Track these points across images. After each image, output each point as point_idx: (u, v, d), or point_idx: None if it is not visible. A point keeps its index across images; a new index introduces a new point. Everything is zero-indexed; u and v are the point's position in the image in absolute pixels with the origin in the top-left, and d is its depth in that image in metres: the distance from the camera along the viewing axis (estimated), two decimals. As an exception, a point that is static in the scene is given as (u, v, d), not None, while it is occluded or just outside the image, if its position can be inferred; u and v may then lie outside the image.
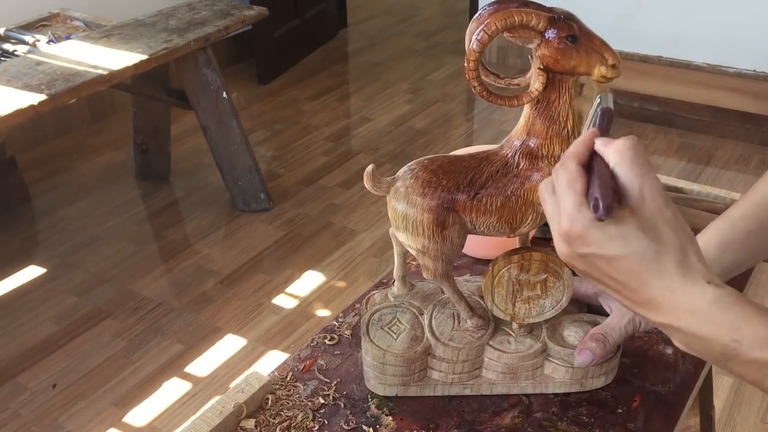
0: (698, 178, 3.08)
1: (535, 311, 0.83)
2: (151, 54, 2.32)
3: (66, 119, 3.40)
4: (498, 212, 0.78)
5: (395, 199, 0.78)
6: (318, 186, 3.05)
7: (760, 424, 1.95)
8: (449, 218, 0.77)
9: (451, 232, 0.77)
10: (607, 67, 0.72)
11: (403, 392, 0.86)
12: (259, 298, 2.41)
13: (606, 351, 0.82)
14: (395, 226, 0.80)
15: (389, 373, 0.84)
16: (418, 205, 0.76)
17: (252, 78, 4.02)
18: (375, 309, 0.89)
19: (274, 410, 0.85)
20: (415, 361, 0.84)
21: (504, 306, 0.83)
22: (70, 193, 3.01)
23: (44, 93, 2.03)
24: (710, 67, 3.62)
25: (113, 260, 2.60)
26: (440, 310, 0.88)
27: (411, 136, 3.44)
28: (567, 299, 0.83)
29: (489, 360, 0.85)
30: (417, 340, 0.85)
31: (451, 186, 0.77)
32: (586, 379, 0.86)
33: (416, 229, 0.77)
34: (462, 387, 0.86)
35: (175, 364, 2.15)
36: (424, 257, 0.80)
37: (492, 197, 0.77)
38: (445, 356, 0.84)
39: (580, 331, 0.86)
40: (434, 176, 0.77)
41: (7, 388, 2.06)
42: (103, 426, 1.95)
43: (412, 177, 0.78)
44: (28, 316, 2.33)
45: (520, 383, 0.86)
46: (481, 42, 0.72)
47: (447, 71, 4.20)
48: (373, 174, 0.78)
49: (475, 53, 0.73)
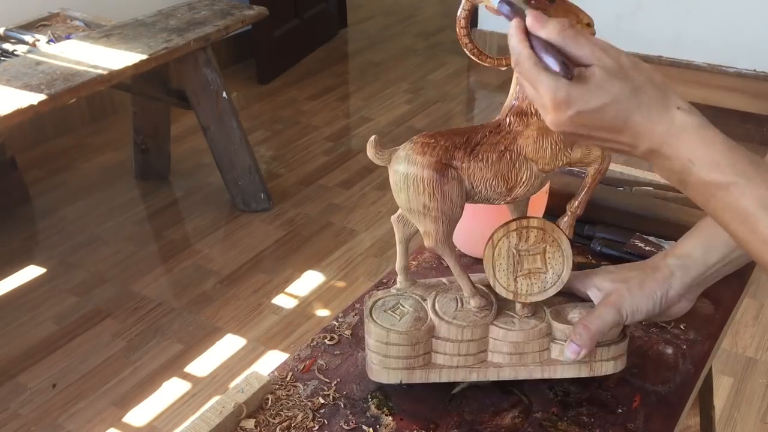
0: (698, 178, 3.08)
1: (537, 287, 0.84)
2: (150, 54, 2.32)
3: (66, 119, 3.40)
4: (494, 167, 0.80)
5: (396, 162, 0.81)
6: (318, 186, 3.05)
7: (760, 424, 1.95)
8: (448, 173, 0.79)
9: (450, 188, 0.80)
10: (582, 25, 0.75)
11: (407, 378, 0.85)
12: (259, 298, 2.41)
13: (591, 338, 0.82)
14: (396, 189, 0.82)
15: (393, 355, 0.83)
16: (418, 162, 0.79)
17: (252, 78, 4.02)
18: (378, 297, 0.89)
19: (274, 410, 0.85)
20: (419, 341, 0.83)
21: (506, 282, 0.84)
22: (70, 193, 3.01)
23: (44, 93, 2.03)
24: (710, 67, 3.62)
25: (113, 260, 2.59)
26: (443, 295, 0.88)
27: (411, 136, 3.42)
28: (568, 273, 0.84)
29: (494, 341, 0.85)
30: (421, 320, 0.85)
31: (449, 145, 0.80)
32: (595, 361, 0.85)
33: (417, 187, 0.79)
34: (468, 371, 0.85)
35: (175, 364, 2.15)
36: (425, 220, 0.81)
37: (487, 153, 0.80)
38: (449, 336, 0.84)
39: (585, 313, 0.85)
40: (432, 138, 0.81)
41: (7, 388, 2.06)
42: (103, 426, 1.95)
43: (411, 142, 0.82)
44: (28, 316, 2.33)
45: (528, 366, 0.85)
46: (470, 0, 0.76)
47: (447, 71, 4.20)
48: (376, 143, 0.82)
49: (465, 11, 0.77)
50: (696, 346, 0.95)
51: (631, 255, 1.06)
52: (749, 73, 3.53)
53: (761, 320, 2.29)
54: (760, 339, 2.22)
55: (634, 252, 1.06)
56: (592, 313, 0.84)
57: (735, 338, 2.22)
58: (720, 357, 2.14)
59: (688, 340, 0.96)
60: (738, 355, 2.16)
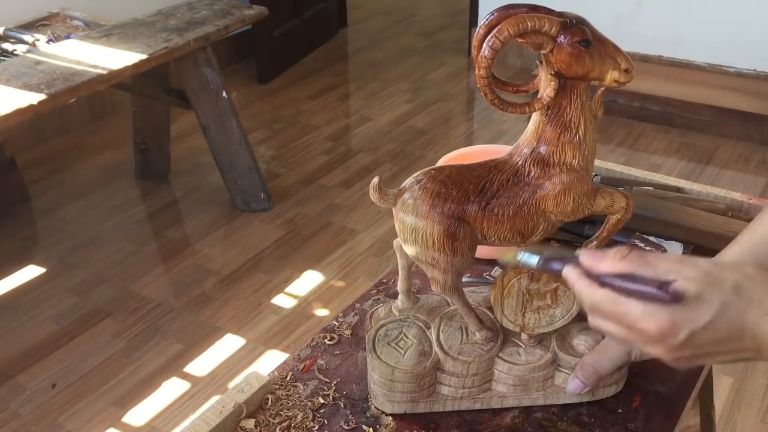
0: (698, 177, 3.08)
1: (545, 321, 0.82)
2: (150, 53, 2.32)
3: (65, 119, 3.40)
4: (510, 222, 0.76)
5: (403, 211, 0.76)
6: (318, 185, 3.05)
7: (760, 424, 1.95)
8: (460, 230, 0.75)
9: (462, 244, 0.75)
10: (620, 71, 0.71)
11: (412, 409, 0.84)
12: (259, 297, 2.41)
13: (597, 378, 0.81)
14: (403, 238, 0.78)
15: (398, 390, 0.82)
16: (428, 216, 0.74)
17: (252, 77, 4.02)
18: (380, 324, 0.87)
19: (273, 410, 0.85)
20: (424, 377, 0.82)
21: (513, 317, 0.81)
22: (70, 192, 3.01)
23: (44, 92, 2.03)
24: (710, 67, 3.62)
25: (113, 260, 2.59)
26: (447, 323, 0.86)
27: (411, 136, 3.44)
28: (577, 308, 0.81)
29: (499, 373, 0.83)
30: (425, 355, 0.83)
31: (461, 197, 0.75)
32: (598, 388, 0.84)
33: (426, 241, 0.75)
34: (472, 401, 0.84)
35: (175, 364, 2.14)
36: (433, 270, 0.78)
37: (503, 207, 0.76)
38: (454, 371, 0.82)
39: (590, 339, 0.84)
40: (443, 187, 0.75)
41: (7, 387, 2.06)
42: (103, 426, 1.95)
43: (420, 188, 0.75)
44: (28, 315, 2.33)
45: (531, 395, 0.84)
46: (494, 48, 0.70)
47: (447, 70, 4.20)
48: (380, 186, 0.76)
49: (487, 60, 0.70)
50: (696, 346, 0.95)
51: (631, 255, 1.06)
52: (749, 73, 3.53)
53: (761, 320, 2.29)
54: (760, 339, 2.22)
55: (634, 252, 1.06)
56: (602, 352, 0.81)
57: (735, 338, 2.21)
58: (720, 357, 2.13)
59: (688, 340, 0.95)
60: (738, 355, 2.16)
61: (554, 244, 1.12)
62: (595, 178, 1.18)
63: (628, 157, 3.20)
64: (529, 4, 0.71)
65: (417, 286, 1.03)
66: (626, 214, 0.79)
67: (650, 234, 1.09)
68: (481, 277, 1.05)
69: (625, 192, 0.80)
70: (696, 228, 1.08)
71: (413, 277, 0.93)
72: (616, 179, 1.24)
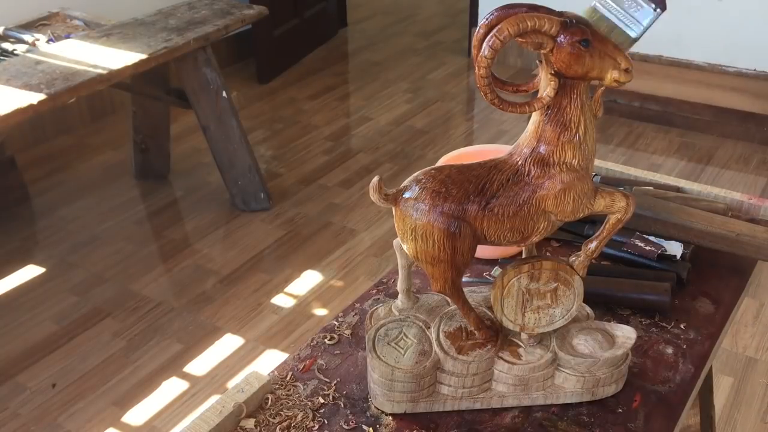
0: (698, 177, 3.08)
1: (545, 321, 0.82)
2: (150, 53, 2.32)
3: (65, 118, 3.40)
4: (510, 221, 0.76)
5: (403, 210, 0.76)
6: (318, 185, 3.05)
7: (760, 424, 1.95)
8: (460, 229, 0.75)
9: (462, 243, 0.76)
10: (620, 71, 0.71)
11: (412, 409, 0.84)
12: (259, 297, 2.41)
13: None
14: (403, 238, 0.78)
15: (398, 390, 0.82)
16: (428, 216, 0.75)
17: (252, 77, 4.02)
18: (380, 324, 0.87)
19: (273, 410, 0.85)
20: (424, 376, 0.82)
21: (513, 316, 0.81)
22: (70, 192, 3.01)
23: (44, 92, 2.03)
24: (710, 67, 3.61)
25: (113, 260, 2.59)
26: (447, 322, 0.86)
27: (411, 136, 3.44)
28: (577, 308, 0.82)
29: (499, 372, 0.84)
30: (425, 354, 0.83)
31: (461, 196, 0.75)
32: (597, 387, 0.85)
33: (426, 241, 0.76)
34: (472, 401, 0.84)
35: (175, 364, 2.14)
36: (433, 269, 0.78)
37: (503, 207, 0.76)
38: (454, 370, 0.82)
39: (590, 339, 0.85)
40: (443, 186, 0.75)
41: (7, 387, 2.06)
42: (103, 425, 1.95)
43: (420, 188, 0.76)
44: (28, 315, 2.33)
45: (531, 395, 0.85)
46: (494, 48, 0.70)
47: (447, 70, 4.20)
48: (380, 186, 0.76)
49: (487, 60, 0.71)
50: (696, 345, 0.95)
51: (630, 255, 1.06)
52: (749, 73, 3.53)
53: (761, 320, 2.29)
54: (760, 339, 2.22)
55: (634, 252, 1.06)
56: None
57: (735, 338, 2.22)
58: (720, 357, 2.13)
59: (688, 339, 0.96)
60: (738, 355, 2.16)
61: (554, 244, 1.12)
62: (595, 178, 1.18)
63: (628, 157, 3.20)
64: (529, 4, 0.71)
65: (417, 286, 1.03)
66: (626, 213, 0.79)
67: (650, 234, 1.09)
68: (481, 277, 1.05)
69: (625, 192, 0.80)
70: (696, 228, 1.08)
71: (413, 277, 0.93)
72: (616, 179, 1.24)
